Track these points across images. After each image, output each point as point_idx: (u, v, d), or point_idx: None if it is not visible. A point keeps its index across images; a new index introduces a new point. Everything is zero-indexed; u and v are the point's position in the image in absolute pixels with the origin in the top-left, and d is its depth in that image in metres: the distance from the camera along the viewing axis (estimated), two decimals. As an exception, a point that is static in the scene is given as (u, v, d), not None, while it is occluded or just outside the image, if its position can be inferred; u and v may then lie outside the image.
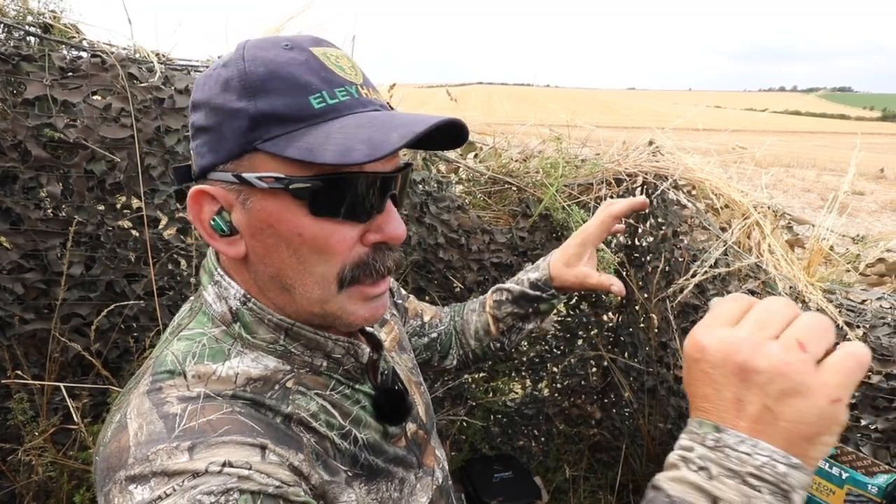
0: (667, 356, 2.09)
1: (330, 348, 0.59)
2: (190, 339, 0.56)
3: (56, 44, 1.37)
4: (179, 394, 0.50)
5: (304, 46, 0.53)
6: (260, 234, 0.53)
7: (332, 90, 0.51)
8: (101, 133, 1.42)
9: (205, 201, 0.54)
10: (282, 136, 0.50)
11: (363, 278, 0.55)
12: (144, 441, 0.46)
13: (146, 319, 1.63)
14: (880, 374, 1.40)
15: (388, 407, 0.63)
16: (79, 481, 1.58)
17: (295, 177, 0.50)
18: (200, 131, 0.53)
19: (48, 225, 1.46)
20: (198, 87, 0.54)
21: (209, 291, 0.59)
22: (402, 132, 0.48)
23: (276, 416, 0.52)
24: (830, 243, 1.65)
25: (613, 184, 2.12)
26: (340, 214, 0.52)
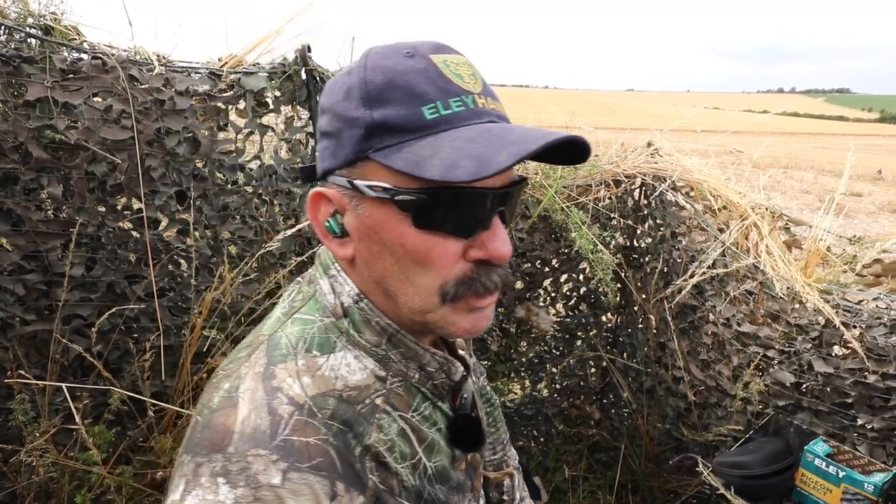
0: (665, 357, 2.10)
1: (426, 360, 0.60)
2: (302, 325, 0.57)
3: (57, 46, 1.38)
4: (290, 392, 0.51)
5: (424, 53, 0.53)
6: (367, 239, 0.54)
7: (447, 100, 0.51)
8: (102, 134, 1.43)
9: (322, 203, 0.56)
10: (393, 146, 0.50)
11: (468, 294, 0.54)
12: (249, 435, 0.47)
13: (147, 321, 1.63)
14: (877, 373, 1.41)
15: (464, 433, 0.64)
16: (80, 482, 1.58)
17: (401, 188, 0.50)
18: (324, 136, 0.56)
19: (49, 226, 1.46)
20: (325, 92, 0.56)
21: (324, 282, 0.60)
22: (512, 150, 0.46)
23: (358, 445, 0.53)
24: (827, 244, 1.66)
25: (612, 185, 2.13)
26: (444, 229, 0.52)
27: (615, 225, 2.17)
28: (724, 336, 1.79)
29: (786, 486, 1.45)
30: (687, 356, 1.97)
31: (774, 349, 1.64)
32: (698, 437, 1.92)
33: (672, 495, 2.17)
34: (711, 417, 1.90)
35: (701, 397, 1.94)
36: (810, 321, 1.55)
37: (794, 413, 1.61)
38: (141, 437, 1.68)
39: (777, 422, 1.58)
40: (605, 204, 2.13)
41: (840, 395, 1.52)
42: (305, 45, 1.67)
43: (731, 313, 1.76)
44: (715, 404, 1.88)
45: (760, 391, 1.64)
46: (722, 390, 1.83)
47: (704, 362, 1.91)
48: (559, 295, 2.29)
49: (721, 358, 1.83)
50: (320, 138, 0.56)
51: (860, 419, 1.48)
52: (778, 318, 1.65)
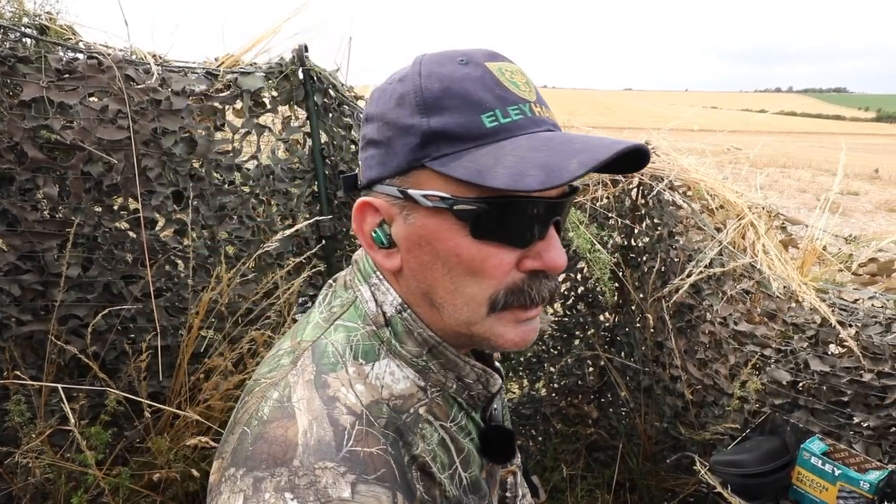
0: (662, 356, 2.10)
1: (465, 372, 0.59)
2: (346, 332, 0.56)
3: (52, 45, 1.37)
4: (347, 401, 0.51)
5: (479, 61, 0.52)
6: (417, 249, 0.53)
7: (506, 108, 0.50)
8: (98, 134, 1.42)
9: (368, 212, 0.55)
10: (451, 154, 0.49)
11: (516, 305, 0.54)
12: (314, 447, 0.46)
13: (144, 321, 1.63)
14: (872, 372, 1.42)
15: (496, 445, 0.63)
16: (76, 483, 1.58)
17: (460, 197, 0.49)
18: (371, 144, 0.54)
19: (45, 226, 1.46)
20: (372, 100, 0.55)
21: (365, 289, 0.59)
22: (582, 159, 0.45)
23: (407, 454, 0.53)
24: (824, 243, 1.66)
25: (609, 184, 2.13)
26: (501, 239, 0.51)
27: (613, 224, 2.18)
28: (721, 335, 1.80)
29: (782, 485, 1.45)
30: (684, 355, 1.98)
31: (771, 348, 1.64)
32: (696, 435, 1.92)
33: (670, 494, 2.18)
34: (709, 416, 1.90)
35: (698, 396, 1.94)
36: (807, 320, 1.56)
37: (790, 411, 1.62)
38: (138, 438, 1.67)
39: (774, 420, 1.58)
40: (603, 203, 2.13)
41: (836, 394, 1.53)
42: (302, 44, 1.67)
43: (728, 312, 1.76)
44: (712, 403, 1.89)
45: (757, 390, 1.64)
46: (719, 389, 1.83)
47: (702, 361, 1.91)
48: (557, 294, 2.29)
49: (718, 357, 1.84)
50: (365, 146, 0.55)
51: (856, 417, 1.48)
52: (774, 317, 1.65)
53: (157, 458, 1.60)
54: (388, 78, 0.55)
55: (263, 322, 1.71)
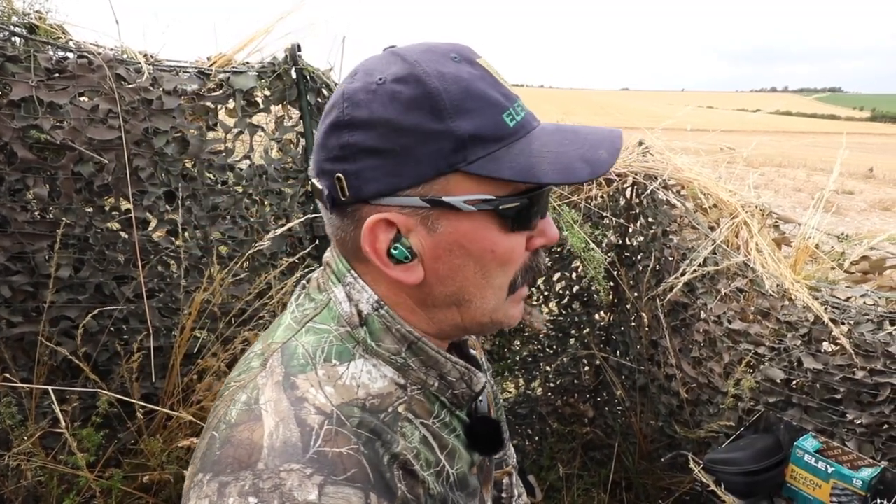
0: (657, 354, 2.10)
1: (447, 370, 0.59)
2: (318, 334, 0.55)
3: (42, 44, 1.36)
4: (316, 402, 0.50)
5: (471, 59, 0.52)
6: (447, 255, 0.53)
7: (514, 106, 0.52)
8: (89, 134, 1.41)
9: (381, 229, 0.52)
10: (485, 156, 0.49)
11: (527, 281, 0.58)
12: (279, 449, 0.46)
13: (136, 322, 1.62)
14: (865, 369, 1.42)
15: (483, 436, 0.63)
16: (68, 486, 1.57)
17: (503, 197, 0.51)
18: (368, 153, 0.50)
19: (35, 227, 1.45)
20: (357, 103, 0.50)
21: (339, 290, 0.57)
22: (607, 148, 0.52)
23: (387, 454, 0.52)
24: (816, 241, 1.67)
25: (604, 184, 2.13)
26: (527, 226, 0.54)
27: (607, 223, 2.18)
28: (716, 333, 1.80)
29: (776, 483, 1.46)
30: (679, 354, 1.98)
31: (765, 346, 1.65)
32: (691, 434, 1.92)
33: (665, 492, 2.18)
34: (703, 414, 1.91)
35: (693, 394, 1.94)
36: (800, 318, 1.56)
37: (784, 409, 1.62)
38: (131, 440, 1.67)
39: (767, 418, 1.58)
40: (597, 203, 2.13)
41: (829, 391, 1.53)
42: (295, 44, 1.67)
43: (722, 311, 1.76)
44: (707, 401, 1.89)
45: (751, 388, 1.65)
46: (713, 387, 1.83)
47: (696, 360, 1.91)
48: (552, 293, 2.29)
49: (712, 355, 1.84)
50: (354, 156, 0.50)
51: (849, 415, 1.49)
52: (768, 316, 1.65)
53: (150, 459, 1.60)
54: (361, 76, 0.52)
55: (257, 322, 1.70)
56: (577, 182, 0.51)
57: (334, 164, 0.51)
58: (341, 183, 0.51)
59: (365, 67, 0.53)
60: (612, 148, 0.52)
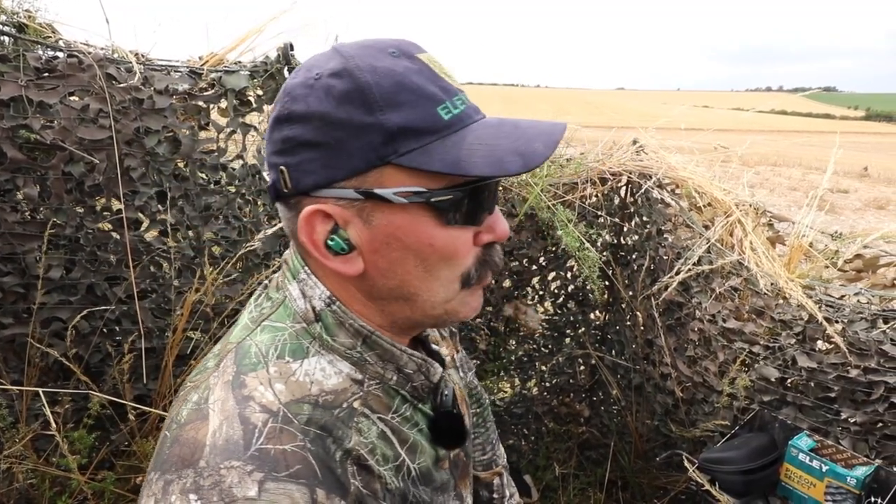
0: (653, 353, 2.10)
1: (403, 362, 0.59)
2: (273, 332, 0.56)
3: (31, 44, 1.35)
4: (262, 399, 0.50)
5: (411, 53, 0.53)
6: (385, 248, 0.53)
7: (452, 100, 0.52)
8: (79, 134, 1.40)
9: (318, 221, 0.53)
10: (418, 149, 0.50)
11: (486, 274, 0.58)
12: (221, 447, 0.46)
13: (128, 323, 1.61)
14: (859, 368, 1.42)
15: (446, 430, 0.64)
16: (61, 488, 1.55)
17: (435, 190, 0.51)
18: (306, 146, 0.51)
19: (25, 228, 1.44)
20: (296, 97, 0.51)
21: (294, 287, 0.58)
22: (544, 141, 0.51)
23: (338, 450, 0.52)
24: (810, 240, 1.67)
25: (598, 183, 2.13)
26: (468, 221, 0.54)
27: (602, 223, 2.18)
28: (710, 332, 1.80)
29: (771, 481, 1.46)
30: (674, 353, 1.98)
31: (759, 345, 1.65)
32: (686, 433, 1.92)
33: (661, 491, 2.18)
34: (698, 413, 1.91)
35: (688, 393, 1.94)
36: (794, 317, 1.56)
37: (778, 408, 1.62)
38: (123, 442, 1.65)
39: (762, 417, 1.58)
40: (592, 202, 2.13)
41: (823, 390, 1.53)
42: (288, 43, 1.66)
43: (717, 310, 1.76)
44: (702, 400, 1.89)
45: (746, 387, 1.65)
46: (708, 386, 1.83)
47: (691, 359, 1.91)
48: (547, 293, 2.29)
49: (707, 354, 1.84)
50: (293, 149, 0.52)
51: (843, 413, 1.49)
52: (762, 314, 1.65)
53: (143, 461, 1.59)
54: (303, 71, 0.53)
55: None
56: (508, 175, 0.50)
57: (278, 157, 0.53)
58: (284, 175, 0.53)
59: (307, 64, 0.54)
60: (548, 141, 0.51)
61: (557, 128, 0.53)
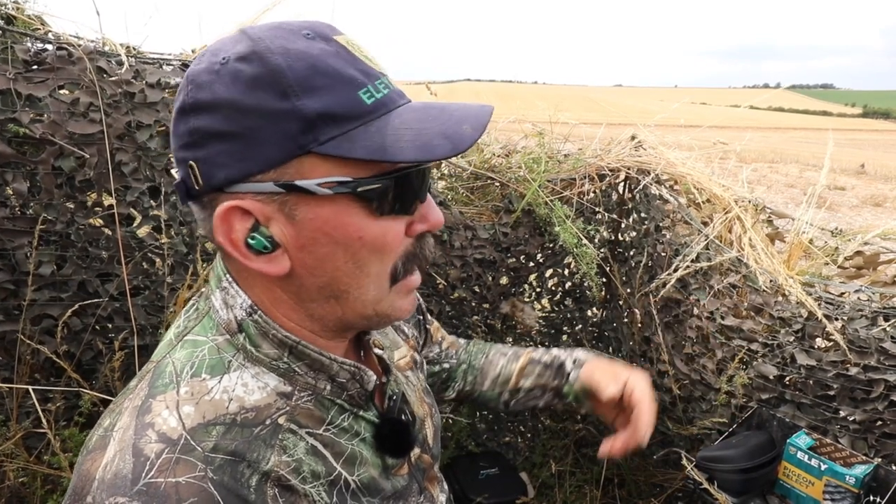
0: (650, 351, 2.09)
1: (335, 371, 0.56)
2: (192, 347, 0.53)
3: (19, 36, 1.33)
4: (162, 427, 0.47)
5: (327, 35, 0.49)
6: (312, 244, 0.50)
7: (374, 83, 0.49)
8: (69, 128, 1.38)
9: (234, 218, 0.48)
10: (339, 136, 0.46)
11: (412, 270, 0.55)
12: (109, 481, 0.44)
13: (120, 320, 1.59)
14: (858, 365, 1.41)
15: (391, 439, 0.61)
16: (53, 486, 1.54)
17: (361, 179, 0.48)
18: (215, 138, 0.47)
19: (15, 224, 1.41)
20: (200, 84, 0.47)
21: (217, 296, 0.55)
22: (472, 124, 0.48)
23: (254, 474, 0.49)
24: (810, 237, 1.66)
25: (596, 179, 2.12)
26: (399, 210, 0.51)
27: (599, 219, 2.16)
28: (708, 329, 1.79)
29: (769, 480, 1.45)
30: (671, 350, 1.97)
31: (758, 342, 1.64)
32: (683, 430, 1.91)
33: (658, 489, 2.17)
34: (696, 411, 1.90)
35: (685, 391, 1.93)
36: (793, 314, 1.55)
37: (777, 406, 1.61)
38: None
39: (760, 415, 1.57)
40: (590, 198, 2.11)
41: (822, 388, 1.52)
42: (282, 36, 1.64)
43: (715, 307, 1.75)
44: (699, 398, 1.88)
45: (744, 384, 1.64)
46: (706, 384, 1.82)
47: (689, 356, 1.90)
48: (544, 290, 2.28)
49: (705, 351, 1.83)
50: (202, 141, 0.47)
51: (842, 411, 1.48)
52: (761, 312, 1.64)
53: (136, 460, 1.57)
54: (208, 56, 0.49)
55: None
56: (437, 159, 0.47)
57: (185, 151, 0.48)
58: (194, 171, 0.48)
59: (212, 48, 0.50)
60: (476, 123, 0.48)
61: (485, 110, 0.51)
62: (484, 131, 0.48)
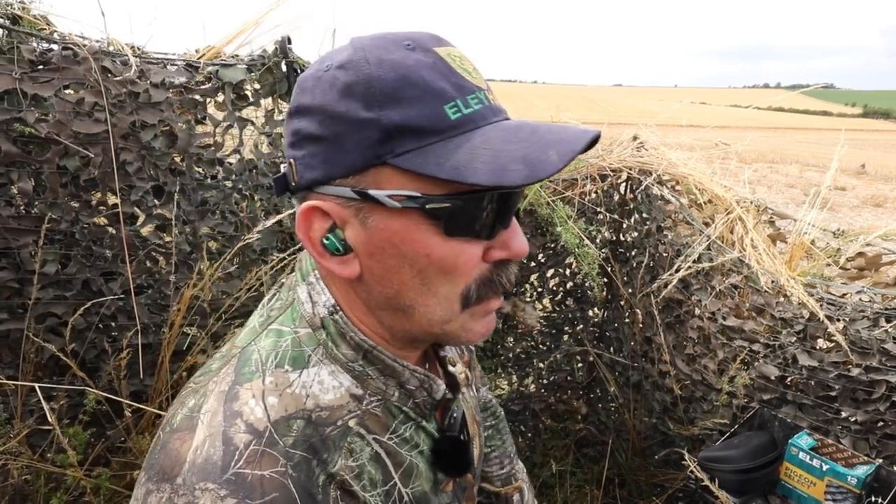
0: (651, 351, 2.10)
1: (406, 378, 0.57)
2: (276, 337, 0.54)
3: (25, 36, 1.33)
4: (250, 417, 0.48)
5: (427, 46, 0.49)
6: (380, 253, 0.50)
7: (465, 98, 0.47)
8: (74, 128, 1.38)
9: (315, 218, 0.50)
10: (416, 150, 0.46)
11: (489, 296, 0.53)
12: (200, 465, 0.45)
13: (124, 318, 1.60)
14: (860, 366, 1.42)
15: (449, 457, 0.61)
16: (56, 484, 1.54)
17: (431, 195, 0.46)
18: (309, 140, 0.49)
19: (20, 222, 1.42)
20: (305, 89, 0.49)
21: (303, 289, 0.56)
22: (560, 150, 0.44)
23: (322, 473, 0.50)
24: (812, 238, 1.66)
25: (598, 179, 2.12)
26: (472, 234, 0.49)
27: (601, 219, 2.17)
28: (710, 330, 1.79)
29: (770, 480, 1.45)
30: (673, 350, 1.97)
31: (759, 343, 1.64)
32: (684, 430, 1.92)
33: (659, 489, 2.18)
34: (697, 411, 1.90)
35: (687, 391, 1.94)
36: (795, 315, 1.55)
37: (778, 406, 1.62)
38: (119, 438, 1.64)
39: (762, 415, 1.58)
40: (591, 198, 2.12)
41: (824, 389, 1.53)
42: (285, 36, 1.64)
43: (717, 307, 1.76)
44: (701, 398, 1.88)
45: (745, 385, 1.64)
46: (707, 384, 1.83)
47: (690, 356, 1.91)
48: (545, 290, 2.28)
49: (707, 352, 1.83)
50: (300, 143, 0.50)
51: (844, 412, 1.48)
52: (763, 312, 1.65)
53: (139, 458, 1.57)
54: (317, 63, 0.51)
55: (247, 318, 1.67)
56: (511, 186, 0.43)
57: (289, 150, 0.51)
58: (292, 169, 0.51)
59: (324, 55, 0.51)
60: (566, 149, 0.44)
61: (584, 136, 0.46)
62: (573, 158, 0.44)
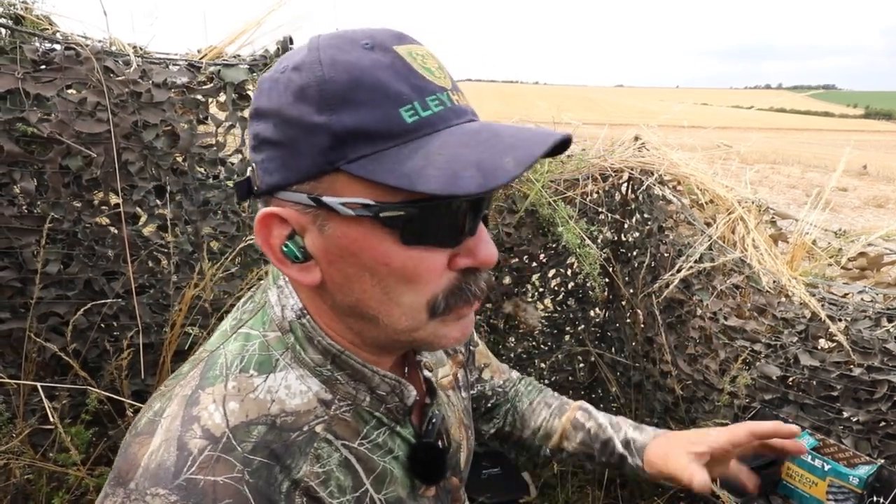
0: (653, 351, 2.09)
1: (376, 383, 0.55)
2: (244, 341, 0.54)
3: (28, 36, 1.34)
4: (208, 422, 0.48)
5: (387, 45, 0.46)
6: (339, 261, 0.48)
7: (424, 100, 0.45)
8: (77, 128, 1.39)
9: (274, 224, 0.48)
10: (370, 155, 0.44)
11: (460, 305, 0.51)
12: (153, 471, 0.45)
13: (126, 318, 1.60)
14: (862, 366, 1.42)
15: (424, 463, 0.60)
16: (58, 483, 1.55)
17: (386, 203, 0.44)
18: (267, 144, 0.47)
19: (22, 222, 1.42)
20: (262, 91, 0.48)
21: (273, 293, 0.55)
22: (517, 156, 0.42)
23: (286, 480, 0.49)
24: (813, 238, 1.66)
25: (599, 179, 2.12)
26: (432, 241, 0.47)
27: (602, 219, 2.17)
28: (711, 330, 1.79)
29: (772, 480, 1.45)
30: (674, 350, 1.97)
31: (761, 343, 1.64)
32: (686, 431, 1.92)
33: (660, 489, 2.18)
34: (699, 411, 1.90)
35: (688, 391, 1.93)
36: (796, 315, 1.55)
37: (780, 406, 1.61)
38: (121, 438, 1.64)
39: (763, 415, 1.58)
40: (593, 198, 2.12)
41: (826, 389, 1.53)
42: (287, 36, 1.64)
43: (718, 307, 1.76)
44: (702, 398, 1.88)
45: (747, 385, 1.64)
46: (709, 384, 1.83)
47: (691, 356, 1.91)
48: (547, 290, 2.28)
49: (708, 352, 1.83)
50: (259, 147, 0.48)
51: (845, 412, 1.48)
52: (764, 312, 1.64)
53: (141, 457, 1.57)
54: (278, 63, 0.48)
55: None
56: (463, 195, 0.41)
57: (251, 153, 0.50)
58: (254, 173, 0.50)
59: (284, 56, 0.50)
60: (524, 154, 0.42)
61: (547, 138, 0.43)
62: (532, 164, 0.41)
